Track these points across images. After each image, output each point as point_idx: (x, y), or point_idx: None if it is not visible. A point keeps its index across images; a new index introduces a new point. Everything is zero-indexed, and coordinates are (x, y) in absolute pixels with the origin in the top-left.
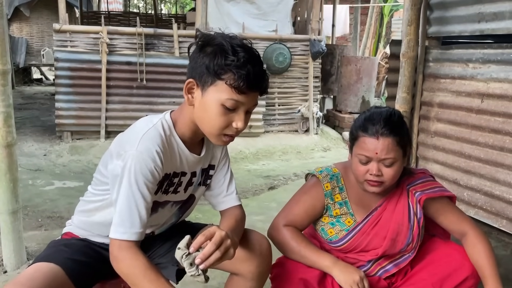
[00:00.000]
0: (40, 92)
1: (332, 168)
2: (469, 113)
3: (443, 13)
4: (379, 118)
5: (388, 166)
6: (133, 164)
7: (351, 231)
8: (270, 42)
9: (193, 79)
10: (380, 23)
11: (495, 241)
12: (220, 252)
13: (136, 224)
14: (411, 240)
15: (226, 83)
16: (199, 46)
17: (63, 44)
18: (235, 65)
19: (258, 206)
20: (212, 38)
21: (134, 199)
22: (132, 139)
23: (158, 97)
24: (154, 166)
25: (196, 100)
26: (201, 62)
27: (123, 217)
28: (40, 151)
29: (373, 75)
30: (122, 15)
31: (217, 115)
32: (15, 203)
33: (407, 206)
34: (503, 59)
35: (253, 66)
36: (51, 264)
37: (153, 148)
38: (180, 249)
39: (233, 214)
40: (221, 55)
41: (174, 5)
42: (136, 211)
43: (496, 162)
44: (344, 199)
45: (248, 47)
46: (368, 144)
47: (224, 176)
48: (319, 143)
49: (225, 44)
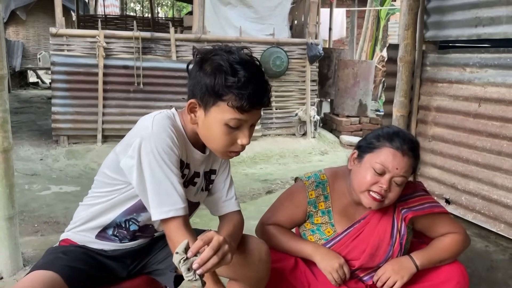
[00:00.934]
0: (37, 95)
1: (320, 174)
2: (467, 117)
3: (440, 18)
4: (407, 138)
5: (398, 185)
6: (154, 143)
7: (329, 241)
8: (267, 45)
9: (194, 99)
10: (377, 26)
11: (493, 245)
12: (217, 257)
13: (177, 200)
14: (390, 255)
15: (228, 104)
16: (197, 63)
17: (59, 48)
18: (236, 87)
19: (256, 210)
20: (210, 56)
21: (165, 177)
22: (144, 124)
23: (155, 101)
24: (172, 142)
25: (199, 119)
26: (201, 82)
27: (160, 198)
28: (37, 155)
29: (370, 79)
30: (119, 18)
31: (222, 135)
32: (11, 208)
33: (391, 223)
34: (500, 64)
35: (254, 84)
36: (49, 272)
37: (167, 126)
38: (178, 253)
39: (231, 220)
40: (220, 76)
41: (171, 8)
42: (172, 188)
43: (494, 166)
44: (328, 208)
45: (248, 63)
46: (393, 157)
47: (224, 181)
48: (317, 147)
49: (224, 64)
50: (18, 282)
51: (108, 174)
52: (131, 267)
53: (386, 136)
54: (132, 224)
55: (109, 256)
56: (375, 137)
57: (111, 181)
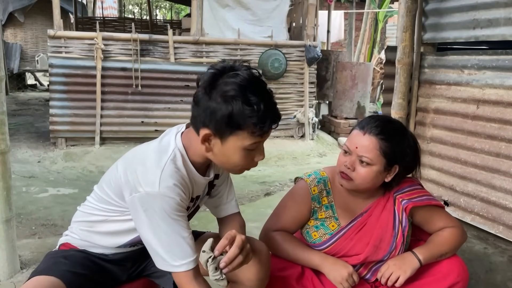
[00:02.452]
0: (34, 98)
1: (320, 171)
2: (465, 119)
3: (438, 20)
4: (376, 118)
5: (362, 165)
6: (161, 204)
7: (334, 235)
8: (266, 48)
9: (209, 130)
10: (375, 29)
11: (492, 247)
12: (242, 256)
13: (188, 253)
14: (394, 248)
15: (248, 133)
16: (205, 91)
17: (57, 50)
18: (256, 116)
19: (254, 212)
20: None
21: (177, 233)
22: (150, 178)
23: (153, 103)
24: (180, 199)
25: (215, 147)
26: (215, 112)
27: (173, 251)
28: (34, 157)
29: (368, 81)
30: (117, 21)
31: (241, 158)
32: (8, 211)
33: (392, 214)
34: (498, 66)
35: (271, 110)
36: (51, 278)
37: (172, 184)
38: (206, 252)
39: (235, 221)
40: (236, 106)
41: (169, 11)
42: (184, 242)
43: (492, 168)
44: (330, 202)
45: (257, 85)
46: (353, 136)
47: (224, 184)
48: (315, 149)
49: (235, 93)
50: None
51: (108, 193)
52: (131, 270)
53: (360, 121)
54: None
55: (109, 260)
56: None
57: (111, 200)
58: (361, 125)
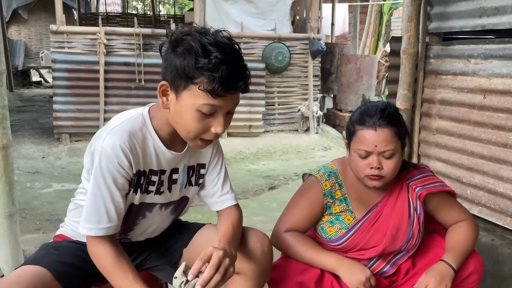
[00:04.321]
0: (39, 94)
1: (329, 165)
2: (472, 109)
3: (443, 9)
4: (375, 110)
5: (388, 158)
6: (99, 160)
7: (350, 229)
8: (269, 41)
9: (166, 81)
10: (380, 21)
11: (499, 239)
12: (220, 274)
13: (103, 220)
14: (411, 236)
15: (200, 88)
16: (170, 44)
17: (60, 46)
18: (207, 68)
19: (259, 206)
20: (183, 37)
21: (100, 195)
22: (101, 134)
23: (156, 98)
24: (118, 162)
25: (171, 103)
26: (172, 63)
27: (89, 213)
28: (39, 153)
29: (373, 74)
30: (120, 16)
31: (194, 121)
32: (11, 206)
33: (407, 202)
34: (505, 54)
35: (228, 66)
36: (37, 267)
37: (117, 143)
38: (177, 278)
39: (229, 218)
40: (190, 57)
41: (172, 6)
42: (103, 207)
43: (499, 159)
44: (344, 195)
45: (222, 44)
46: (367, 137)
47: (218, 175)
48: (320, 143)
49: (195, 44)
50: (4, 276)
51: (83, 172)
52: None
53: (356, 119)
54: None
55: None
56: (350, 122)
57: (85, 178)
58: (363, 122)
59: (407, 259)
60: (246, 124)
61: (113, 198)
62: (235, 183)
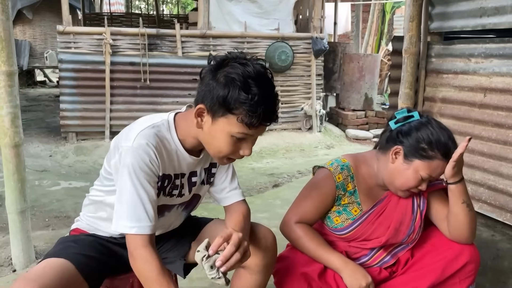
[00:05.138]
0: (44, 94)
1: (341, 159)
2: (472, 107)
3: (444, 9)
4: (453, 140)
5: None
6: (131, 159)
7: (357, 220)
8: (272, 40)
9: (204, 105)
10: (382, 20)
11: (499, 234)
12: (239, 253)
13: (143, 218)
14: (412, 231)
15: (238, 119)
16: (211, 71)
17: (66, 46)
18: (248, 104)
19: (263, 203)
20: (226, 64)
21: (137, 193)
22: (130, 135)
23: (161, 97)
24: (149, 160)
25: (205, 124)
26: (213, 91)
27: (128, 212)
28: (46, 152)
29: (376, 72)
30: (124, 16)
31: (226, 144)
32: (23, 202)
33: (411, 198)
34: (505, 53)
35: (266, 103)
36: (61, 259)
37: (147, 144)
38: (200, 251)
39: (239, 210)
40: (234, 90)
41: (175, 6)
42: (141, 205)
43: (499, 156)
44: (354, 188)
45: (262, 78)
46: (442, 168)
47: (226, 172)
48: (323, 141)
49: (238, 78)
50: (30, 269)
51: (106, 168)
52: None
53: (442, 147)
54: None
55: (119, 243)
56: (427, 142)
57: (110, 175)
58: (446, 156)
59: (406, 251)
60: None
61: (150, 196)
62: (239, 181)
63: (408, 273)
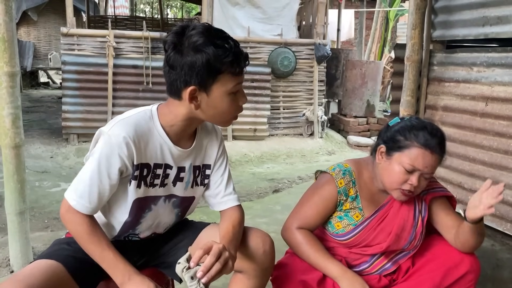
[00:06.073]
0: (47, 95)
1: (343, 164)
2: (474, 116)
3: (447, 17)
4: (436, 132)
5: (426, 179)
6: (102, 145)
7: (358, 226)
8: (275, 46)
9: (193, 86)
10: (385, 27)
11: (499, 244)
12: (220, 264)
13: (84, 198)
14: (413, 237)
15: (227, 74)
16: (176, 53)
17: (70, 48)
18: (227, 54)
19: (263, 208)
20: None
21: (90, 175)
22: (111, 122)
23: (163, 100)
24: (118, 153)
25: (202, 102)
26: (194, 64)
27: (77, 184)
28: (47, 153)
29: (378, 79)
30: (128, 19)
31: (228, 105)
32: (22, 203)
33: (413, 204)
34: (507, 63)
35: (234, 44)
36: (50, 261)
37: (121, 135)
38: (181, 263)
39: (231, 219)
40: (209, 52)
41: (180, 10)
42: (87, 186)
43: (500, 166)
44: (356, 193)
45: (213, 29)
46: (422, 157)
47: (222, 176)
48: (324, 147)
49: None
50: (19, 270)
51: None
52: (136, 257)
53: (415, 134)
54: (132, 237)
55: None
56: (402, 133)
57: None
58: (425, 144)
59: (407, 259)
60: (251, 128)
61: (101, 184)
62: (239, 185)
63: (408, 281)
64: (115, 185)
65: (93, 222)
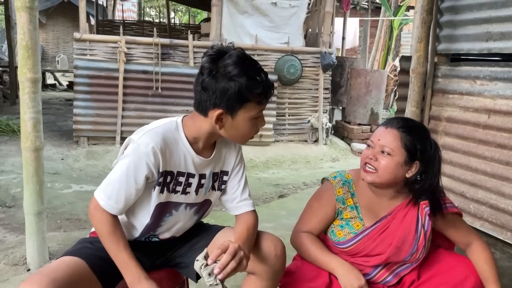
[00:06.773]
0: (55, 97)
1: (345, 174)
2: (476, 128)
3: (452, 31)
4: (400, 118)
5: (383, 155)
6: (131, 152)
7: (358, 234)
8: (282, 54)
9: (221, 109)
10: (390, 36)
11: (500, 252)
12: (235, 262)
13: (112, 199)
14: (415, 250)
15: (253, 103)
16: (211, 77)
17: (82, 53)
18: (257, 86)
19: (269, 213)
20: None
21: (119, 179)
22: (140, 131)
23: (172, 105)
24: (146, 161)
25: (226, 123)
26: (226, 91)
27: (106, 185)
28: (58, 155)
29: (382, 88)
30: (136, 24)
31: (249, 129)
32: (40, 204)
33: (415, 218)
34: (510, 77)
35: (265, 78)
36: (75, 258)
37: (150, 144)
38: (199, 260)
39: (245, 222)
40: (241, 82)
41: (185, 14)
42: (116, 189)
43: (501, 176)
44: (356, 203)
45: (248, 60)
46: (377, 132)
47: (239, 182)
48: (328, 153)
49: (237, 71)
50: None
51: None
52: (154, 257)
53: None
54: (152, 238)
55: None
56: None
57: None
58: (385, 123)
59: (411, 271)
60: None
61: (128, 187)
62: None
63: None
64: (141, 189)
65: (115, 223)
